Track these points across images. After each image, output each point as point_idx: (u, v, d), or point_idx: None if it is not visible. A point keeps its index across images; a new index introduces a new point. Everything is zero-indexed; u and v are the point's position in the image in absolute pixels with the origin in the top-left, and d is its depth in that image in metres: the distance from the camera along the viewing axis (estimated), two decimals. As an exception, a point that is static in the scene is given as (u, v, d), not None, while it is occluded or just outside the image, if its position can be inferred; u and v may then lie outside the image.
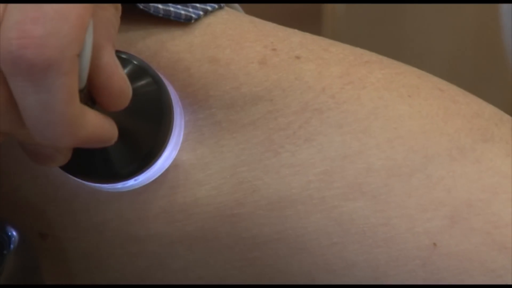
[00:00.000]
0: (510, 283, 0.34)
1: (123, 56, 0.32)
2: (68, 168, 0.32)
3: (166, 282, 0.37)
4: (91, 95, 0.30)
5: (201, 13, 0.35)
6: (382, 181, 0.34)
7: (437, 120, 0.36)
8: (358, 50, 0.38)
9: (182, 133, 0.34)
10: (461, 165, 0.35)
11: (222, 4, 0.37)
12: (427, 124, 0.36)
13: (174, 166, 0.34)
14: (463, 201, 0.34)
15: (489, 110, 0.37)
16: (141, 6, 0.34)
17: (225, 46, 0.36)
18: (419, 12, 0.99)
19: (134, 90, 0.31)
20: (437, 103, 0.36)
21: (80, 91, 0.28)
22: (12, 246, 0.34)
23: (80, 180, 0.33)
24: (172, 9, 0.35)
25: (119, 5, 0.31)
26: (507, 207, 0.34)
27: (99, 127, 0.30)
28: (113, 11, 0.31)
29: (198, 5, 0.36)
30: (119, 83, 0.30)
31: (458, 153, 0.35)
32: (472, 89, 0.38)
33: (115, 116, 0.30)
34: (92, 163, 0.33)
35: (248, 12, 0.40)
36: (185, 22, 0.35)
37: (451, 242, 0.34)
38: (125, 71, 0.31)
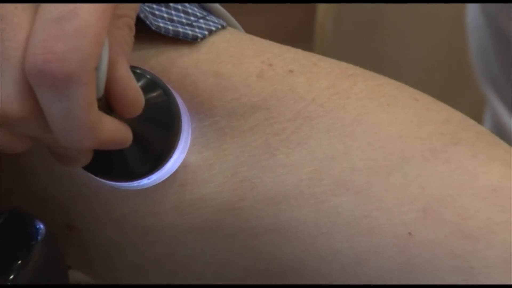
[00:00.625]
0: (476, 268, 0.36)
1: (137, 70, 0.34)
2: (90, 168, 0.34)
3: (176, 267, 0.39)
4: (108, 104, 0.31)
5: (206, 32, 0.37)
6: (364, 178, 0.36)
7: (412, 126, 0.38)
8: (344, 65, 0.40)
9: (189, 138, 0.36)
10: (433, 165, 0.37)
11: (224, 24, 0.39)
12: (404, 130, 0.38)
13: (183, 167, 0.36)
14: (434, 196, 0.36)
15: (457, 116, 0.39)
16: (153, 27, 0.36)
17: (227, 62, 0.38)
18: (398, 31, 1.03)
19: (146, 100, 0.33)
20: (412, 111, 0.38)
21: (98, 100, 0.30)
22: (39, 237, 0.35)
23: (100, 179, 0.35)
24: (180, 29, 0.37)
25: (133, 25, 0.34)
26: (473, 201, 0.36)
27: (115, 131, 0.32)
28: (127, 31, 0.33)
29: (203, 25, 0.38)
30: (133, 94, 0.32)
31: (431, 155, 0.37)
32: (443, 98, 0.39)
33: (130, 123, 0.33)
34: (110, 164, 0.35)
35: (246, 30, 0.41)
36: (192, 41, 0.37)
37: (424, 232, 0.35)
38: (139, 83, 0.33)
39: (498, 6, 0.73)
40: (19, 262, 0.35)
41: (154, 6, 0.38)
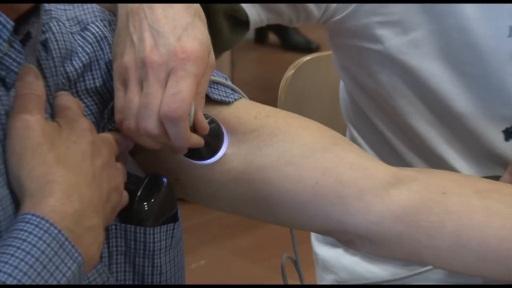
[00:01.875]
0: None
1: (206, 115, 0.52)
2: (187, 155, 0.53)
3: (224, 192, 0.55)
4: (194, 129, 0.49)
5: (232, 100, 0.56)
6: (297, 158, 0.55)
7: (318, 136, 0.57)
8: (291, 114, 0.58)
9: (226, 143, 0.54)
10: (326, 153, 0.56)
11: (241, 96, 0.56)
12: (312, 137, 0.57)
13: (224, 154, 0.54)
14: (326, 166, 0.55)
15: (335, 133, 0.58)
16: (211, 97, 0.53)
17: (242, 111, 0.56)
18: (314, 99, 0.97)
19: (210, 127, 0.52)
20: (315, 129, 0.57)
21: (190, 127, 0.49)
22: (164, 184, 0.53)
23: (192, 160, 0.54)
24: (224, 98, 0.56)
25: (204, 96, 0.51)
26: (344, 169, 0.54)
27: (196, 139, 0.50)
28: (201, 99, 0.51)
29: (231, 96, 0.56)
30: (203, 125, 0.50)
31: (329, 149, 0.56)
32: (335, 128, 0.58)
33: (204, 136, 0.51)
34: (197, 153, 0.53)
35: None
36: (228, 102, 0.56)
37: (318, 179, 0.54)
38: (206, 120, 0.51)
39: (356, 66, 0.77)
40: (155, 194, 0.53)
41: (211, 86, 0.55)
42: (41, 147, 0.45)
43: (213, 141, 0.55)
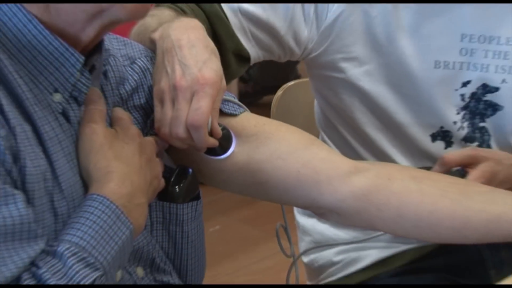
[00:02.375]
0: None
1: (220, 124, 0.51)
2: (206, 152, 0.52)
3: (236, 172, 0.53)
4: (211, 133, 0.49)
5: (239, 112, 0.55)
6: (285, 155, 0.53)
7: (300, 138, 0.55)
8: (280, 122, 0.58)
9: (234, 144, 0.54)
10: (305, 151, 0.54)
11: (246, 109, 0.55)
12: (298, 139, 0.55)
13: (232, 152, 0.53)
14: (305, 159, 0.53)
15: (313, 137, 0.58)
16: (224, 110, 0.53)
17: (244, 121, 0.55)
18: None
19: (223, 132, 0.51)
20: (301, 135, 0.56)
21: (208, 132, 0.48)
22: (189, 173, 0.53)
23: (209, 156, 0.53)
24: (232, 111, 0.55)
25: (218, 110, 0.50)
26: (315, 160, 0.53)
27: (212, 141, 0.49)
28: (215, 113, 0.49)
29: (238, 109, 0.55)
30: (217, 131, 0.50)
31: (307, 147, 0.55)
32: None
33: (218, 139, 0.50)
34: (213, 151, 0.52)
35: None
36: (236, 115, 0.55)
37: (302, 165, 0.53)
38: (220, 127, 0.50)
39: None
40: (184, 180, 0.52)
41: (223, 103, 0.52)
42: (103, 147, 0.45)
43: (224, 142, 0.54)
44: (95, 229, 0.41)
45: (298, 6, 0.66)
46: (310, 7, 0.66)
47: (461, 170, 0.65)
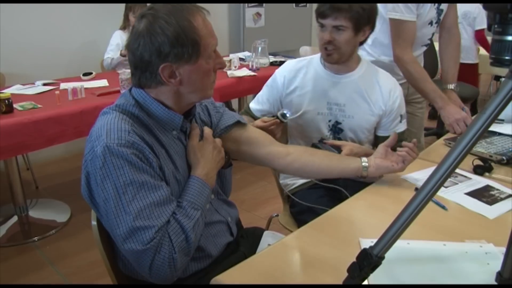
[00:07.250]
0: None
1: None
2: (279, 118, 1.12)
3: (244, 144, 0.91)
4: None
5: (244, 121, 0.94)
6: (260, 144, 0.97)
7: (265, 136, 0.98)
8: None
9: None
10: (270, 144, 0.96)
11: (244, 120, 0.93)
12: (266, 136, 0.99)
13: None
14: (268, 148, 0.95)
15: (272, 138, 0.99)
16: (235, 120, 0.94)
17: (250, 128, 0.95)
18: None
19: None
20: (267, 136, 0.99)
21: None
22: (228, 154, 0.90)
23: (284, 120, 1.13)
24: (240, 120, 0.95)
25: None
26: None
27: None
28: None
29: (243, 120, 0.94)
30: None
31: (270, 143, 0.97)
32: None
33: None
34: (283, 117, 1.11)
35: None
36: (244, 123, 0.96)
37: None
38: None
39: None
40: (227, 157, 0.88)
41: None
42: (196, 152, 0.76)
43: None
44: (196, 192, 0.69)
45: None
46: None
47: (338, 148, 1.16)
